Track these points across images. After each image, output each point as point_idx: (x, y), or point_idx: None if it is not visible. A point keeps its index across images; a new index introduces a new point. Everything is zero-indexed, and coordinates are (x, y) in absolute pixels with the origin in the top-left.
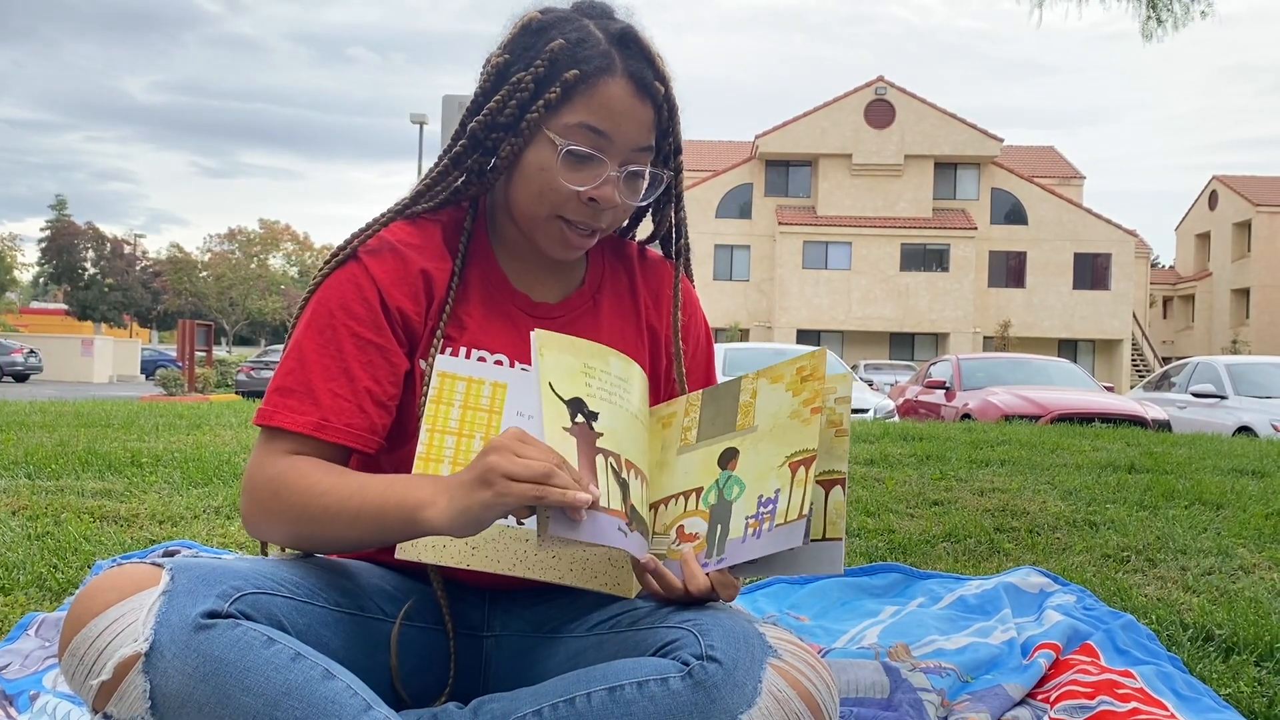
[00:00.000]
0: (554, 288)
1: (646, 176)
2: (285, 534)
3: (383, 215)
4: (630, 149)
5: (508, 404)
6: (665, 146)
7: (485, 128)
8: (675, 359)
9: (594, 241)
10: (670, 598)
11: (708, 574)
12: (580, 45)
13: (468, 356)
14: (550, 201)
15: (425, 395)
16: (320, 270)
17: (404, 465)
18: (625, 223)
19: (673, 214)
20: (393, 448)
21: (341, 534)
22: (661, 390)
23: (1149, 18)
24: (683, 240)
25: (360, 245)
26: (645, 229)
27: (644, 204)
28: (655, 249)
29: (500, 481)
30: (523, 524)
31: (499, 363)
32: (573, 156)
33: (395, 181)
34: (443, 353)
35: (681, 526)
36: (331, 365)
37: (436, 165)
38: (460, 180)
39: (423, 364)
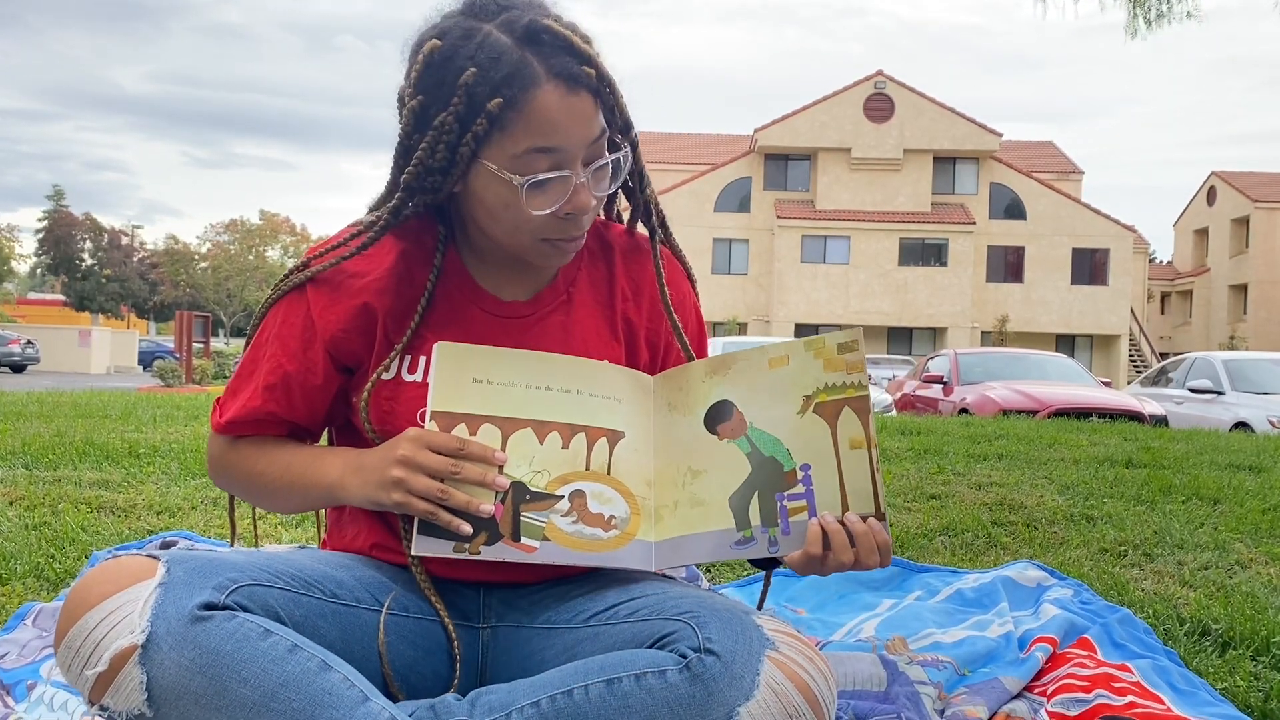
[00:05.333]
0: (524, 285)
1: (610, 165)
2: (243, 495)
3: (334, 249)
4: (585, 146)
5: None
6: (619, 121)
7: (419, 176)
8: (675, 332)
9: (584, 238)
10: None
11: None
12: (493, 66)
13: (427, 368)
14: (529, 230)
15: (364, 402)
16: (278, 285)
17: None
18: (651, 236)
19: (639, 191)
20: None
21: (284, 505)
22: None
23: (1134, 16)
24: (656, 215)
25: (315, 275)
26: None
27: (610, 188)
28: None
29: (400, 493)
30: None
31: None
32: (536, 186)
33: (387, 174)
34: (402, 363)
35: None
36: (260, 382)
37: (378, 214)
38: (406, 215)
39: (385, 375)
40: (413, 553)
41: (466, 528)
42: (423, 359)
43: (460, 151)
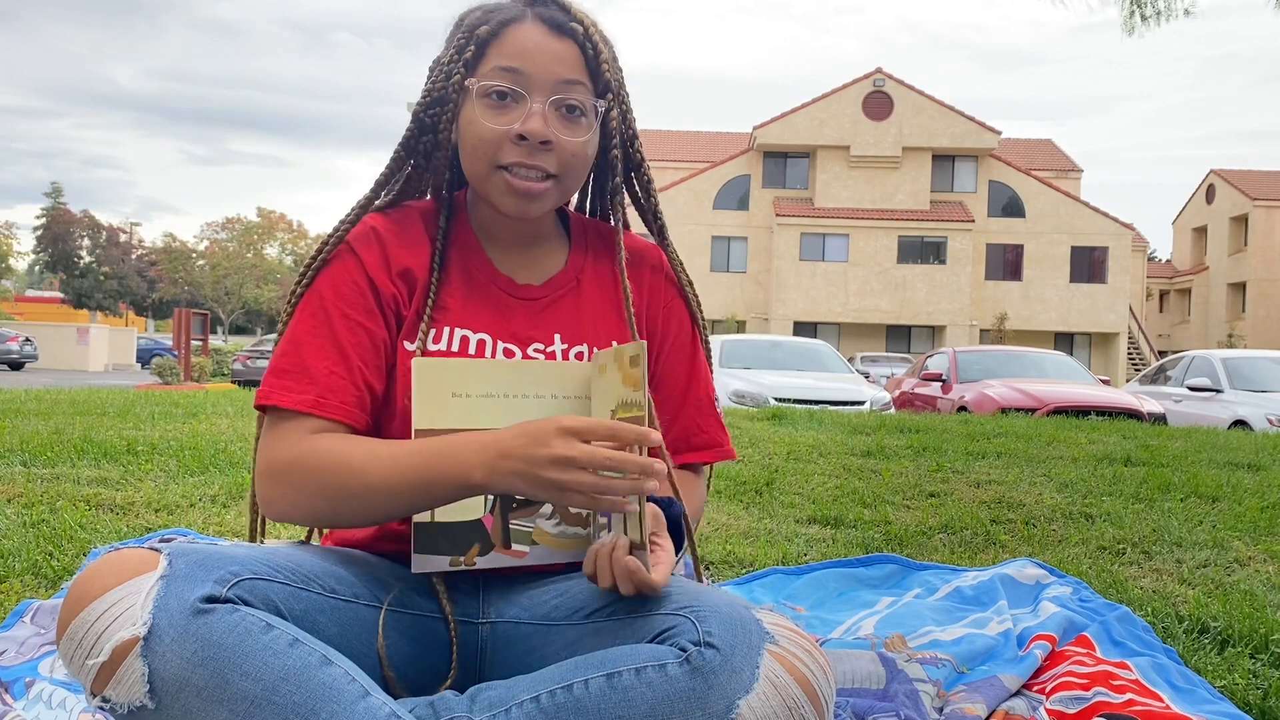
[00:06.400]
0: (537, 270)
1: (579, 110)
2: (319, 513)
3: (356, 206)
4: (553, 81)
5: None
6: (600, 85)
7: (424, 107)
8: (628, 320)
9: (545, 186)
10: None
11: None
12: (495, 11)
13: (451, 338)
14: (485, 153)
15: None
16: (311, 263)
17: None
18: (601, 196)
19: (618, 149)
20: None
21: (384, 507)
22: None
23: (1131, 13)
24: (650, 196)
25: (348, 234)
26: (636, 218)
27: (582, 139)
28: (645, 238)
29: (568, 495)
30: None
31: (481, 342)
32: (491, 100)
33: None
34: (428, 334)
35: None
36: (326, 345)
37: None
38: (411, 165)
39: (408, 345)
40: (412, 570)
41: (632, 506)
42: (446, 329)
43: (452, 82)
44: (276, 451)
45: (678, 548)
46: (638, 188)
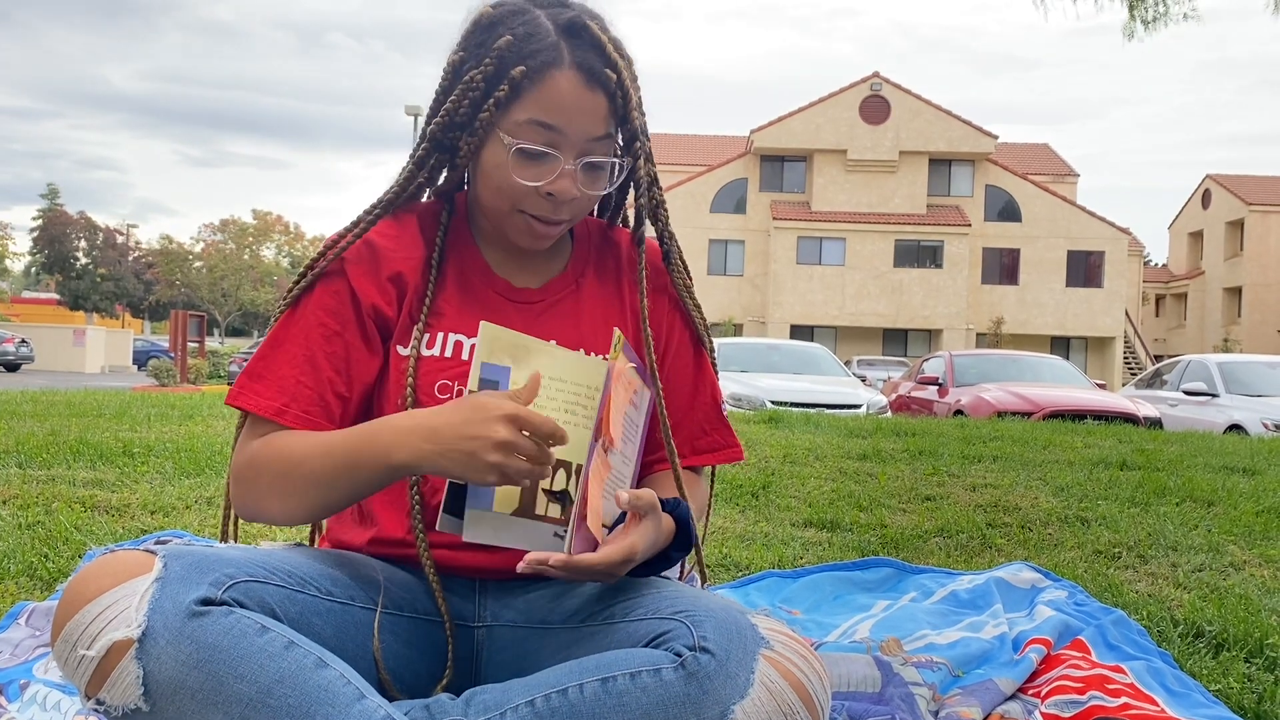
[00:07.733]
0: (535, 273)
1: (605, 167)
2: (273, 510)
3: (362, 218)
4: (585, 140)
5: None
6: (625, 133)
7: (443, 128)
8: (644, 343)
9: (562, 230)
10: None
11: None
12: (527, 40)
13: (445, 343)
14: (509, 197)
15: (409, 382)
16: (305, 274)
17: None
18: (609, 209)
19: (644, 197)
20: None
21: (324, 497)
22: (646, 376)
23: (1131, 17)
24: (659, 224)
25: (344, 250)
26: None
27: (603, 192)
28: (648, 235)
29: (497, 475)
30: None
31: (475, 347)
32: (523, 154)
33: (381, 173)
34: (421, 339)
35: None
36: (298, 354)
37: (404, 168)
38: (424, 178)
39: (401, 350)
40: (437, 528)
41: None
42: (440, 335)
43: (481, 117)
44: (240, 455)
45: (685, 550)
46: (652, 219)
